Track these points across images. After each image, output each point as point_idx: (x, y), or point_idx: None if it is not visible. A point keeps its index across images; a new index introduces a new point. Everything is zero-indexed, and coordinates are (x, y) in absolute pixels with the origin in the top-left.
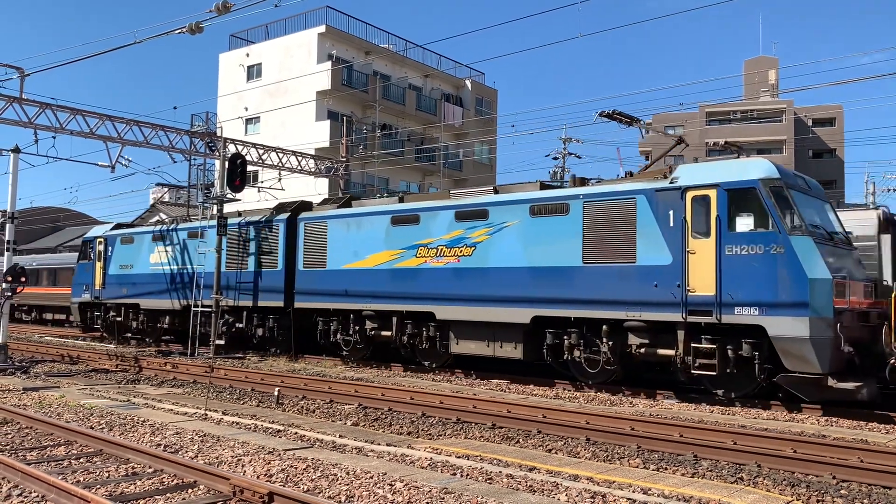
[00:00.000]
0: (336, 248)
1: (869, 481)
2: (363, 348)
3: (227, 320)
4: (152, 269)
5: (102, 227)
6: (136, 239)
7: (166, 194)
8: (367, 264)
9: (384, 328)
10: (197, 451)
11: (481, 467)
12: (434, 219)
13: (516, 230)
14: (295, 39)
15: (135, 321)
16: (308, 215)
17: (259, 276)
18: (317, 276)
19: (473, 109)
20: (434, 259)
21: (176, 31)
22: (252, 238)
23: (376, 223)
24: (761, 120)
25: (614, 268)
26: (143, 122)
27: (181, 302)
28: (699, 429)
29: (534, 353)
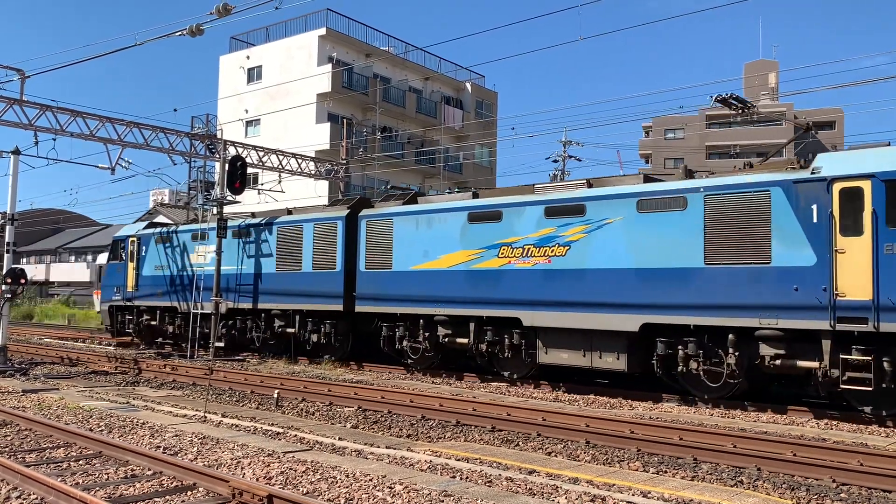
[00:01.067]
0: (403, 248)
1: (869, 485)
2: (432, 356)
3: (274, 325)
4: (192, 270)
5: (134, 225)
6: (174, 238)
7: (166, 196)
8: (439, 265)
9: (459, 335)
10: (196, 454)
11: (481, 470)
12: (519, 215)
13: (620, 227)
14: (295, 42)
15: (171, 325)
16: (370, 213)
17: (314, 279)
18: (381, 277)
19: (474, 112)
20: (520, 259)
21: (176, 34)
22: (305, 237)
23: (450, 221)
24: (761, 123)
25: (743, 269)
26: (143, 125)
27: (225, 305)
28: (699, 432)
29: (639, 365)
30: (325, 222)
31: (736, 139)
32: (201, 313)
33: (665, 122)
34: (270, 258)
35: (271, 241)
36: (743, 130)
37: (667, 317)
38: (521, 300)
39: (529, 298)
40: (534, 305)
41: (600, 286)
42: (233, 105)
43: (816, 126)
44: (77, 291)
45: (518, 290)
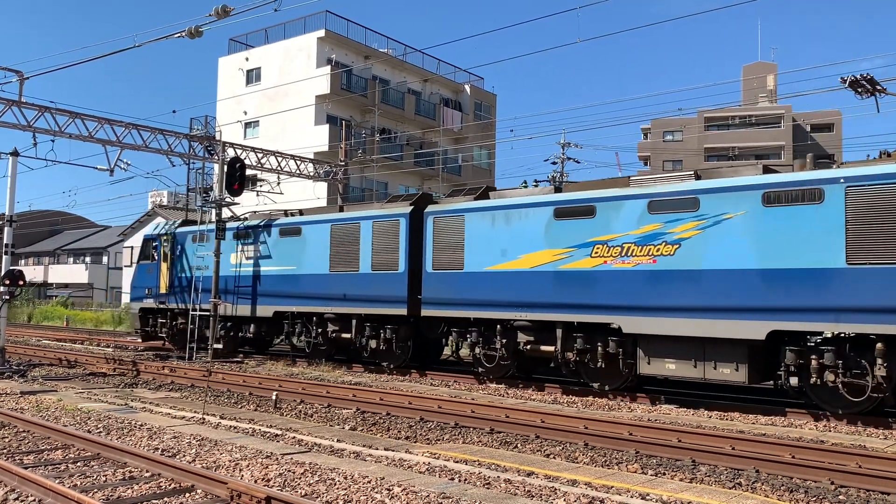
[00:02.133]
0: (477, 247)
1: (867, 487)
2: (508, 364)
3: (328, 330)
4: (234, 271)
5: (166, 222)
6: (212, 236)
7: (165, 198)
8: (520, 265)
9: (543, 342)
10: (194, 455)
11: (479, 472)
12: (616, 210)
13: (742, 223)
14: (294, 43)
15: (208, 329)
16: (438, 209)
17: (373, 281)
18: (451, 279)
19: (472, 114)
20: (617, 259)
21: (175, 35)
22: (363, 236)
23: (533, 217)
24: (760, 125)
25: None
26: (141, 126)
27: (270, 308)
28: (697, 434)
29: (761, 375)
30: (385, 220)
31: (734, 141)
32: (232, 316)
33: (663, 125)
34: (323, 259)
35: (323, 241)
36: (741, 133)
37: (801, 323)
38: (620, 304)
39: (630, 303)
40: (635, 310)
41: (718, 289)
42: (231, 107)
43: (815, 128)
44: (75, 293)
45: (616, 293)
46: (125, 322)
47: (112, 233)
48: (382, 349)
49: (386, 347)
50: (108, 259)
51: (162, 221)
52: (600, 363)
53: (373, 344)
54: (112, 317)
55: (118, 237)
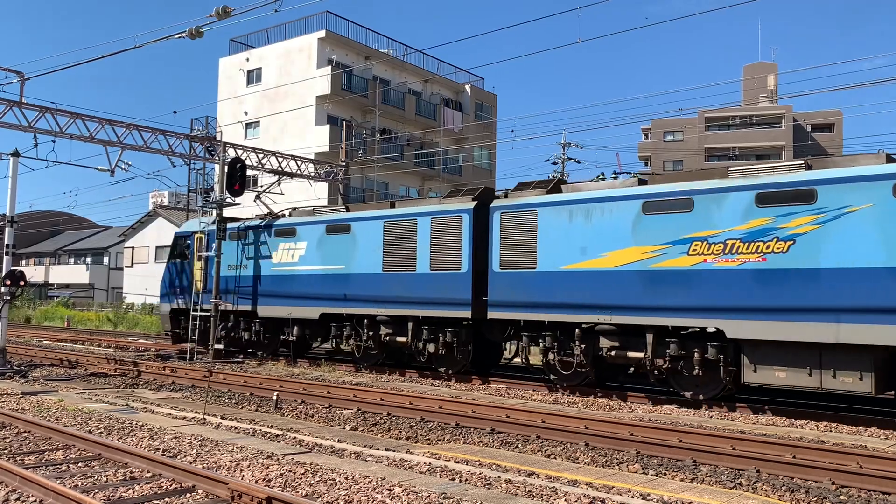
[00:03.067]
0: (552, 244)
1: (868, 487)
2: (587, 371)
3: (380, 334)
4: (275, 271)
5: (199, 220)
6: (253, 234)
7: (166, 198)
8: (602, 264)
9: (630, 347)
10: (195, 456)
11: (480, 472)
12: (718, 203)
13: (870, 216)
14: (295, 44)
15: (246, 332)
16: (506, 203)
17: (432, 281)
18: (521, 279)
19: (473, 114)
20: (719, 257)
21: (176, 36)
22: (420, 234)
23: (617, 211)
24: (760, 125)
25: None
26: (142, 127)
27: (316, 309)
28: (698, 434)
29: (887, 385)
30: (446, 216)
31: (734, 141)
32: (273, 318)
33: (664, 125)
34: (375, 258)
35: (375, 239)
36: (741, 133)
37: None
38: (723, 306)
39: (735, 304)
40: (740, 313)
41: (842, 290)
42: (232, 107)
43: (815, 128)
44: (76, 293)
45: (717, 294)
46: (124, 322)
47: (113, 233)
48: (441, 354)
49: (445, 352)
50: (108, 259)
51: (196, 219)
52: (696, 370)
53: (430, 348)
54: (115, 316)
55: (119, 238)
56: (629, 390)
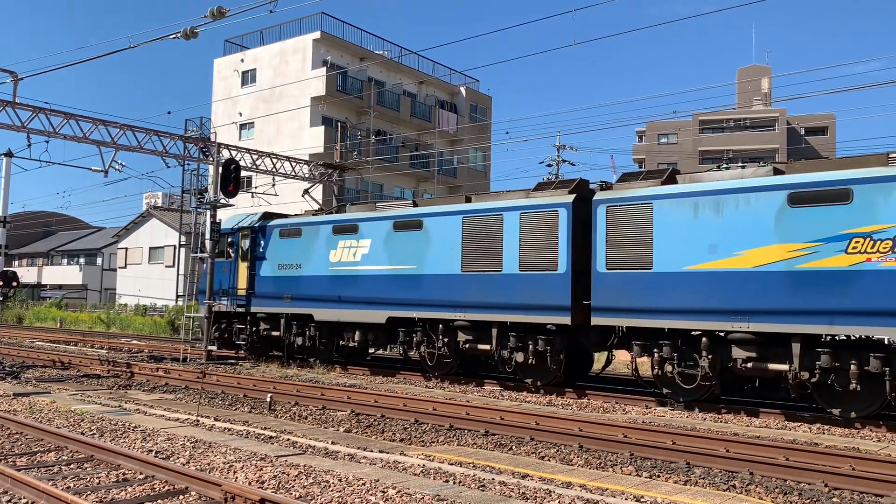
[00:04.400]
0: (671, 242)
1: (861, 489)
2: (711, 385)
3: (458, 340)
4: (334, 270)
5: (242, 215)
6: (308, 230)
7: (160, 199)
8: (736, 264)
9: (772, 358)
10: (188, 458)
11: (474, 474)
12: (885, 195)
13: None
14: (290, 45)
15: (300, 336)
16: (613, 196)
17: (522, 283)
18: (633, 281)
19: (468, 116)
20: (888, 256)
21: (170, 36)
22: (507, 230)
23: (757, 204)
24: (754, 128)
25: None
26: (136, 127)
27: (382, 313)
28: (692, 436)
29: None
30: (538, 210)
31: (729, 144)
32: (332, 322)
33: (658, 127)
34: (452, 257)
35: (452, 236)
36: (735, 135)
37: None
38: (891, 311)
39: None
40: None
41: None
42: (227, 108)
43: (809, 132)
44: (69, 294)
45: (886, 297)
46: (117, 323)
47: (106, 234)
48: (531, 363)
49: (536, 362)
50: (102, 260)
51: (238, 214)
52: (853, 384)
53: (519, 357)
54: (108, 317)
55: (112, 238)
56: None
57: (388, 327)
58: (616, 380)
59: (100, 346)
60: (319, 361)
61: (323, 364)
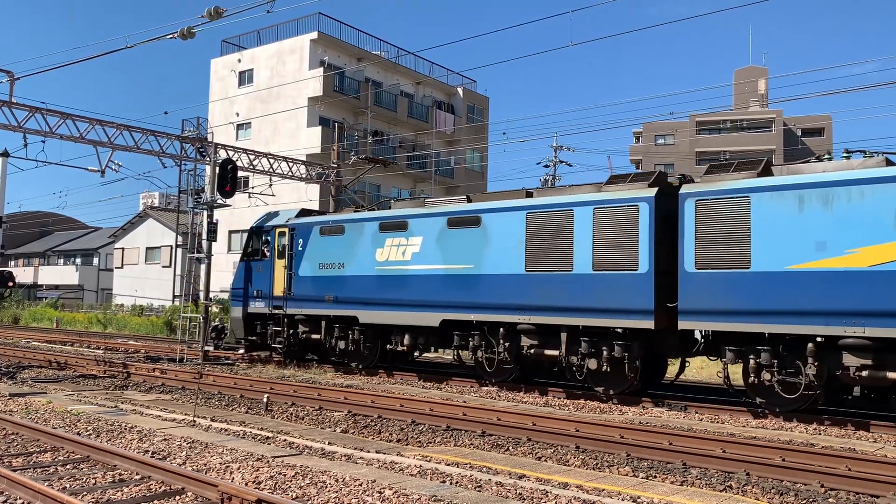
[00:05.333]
0: (772, 238)
1: (857, 490)
2: (815, 394)
3: (521, 345)
4: (381, 270)
5: (277, 212)
6: (351, 228)
7: (156, 199)
8: (850, 263)
9: (891, 366)
10: (185, 458)
11: (471, 475)
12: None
13: None
14: (287, 45)
15: (342, 340)
16: (703, 189)
17: (596, 284)
18: (728, 281)
19: (465, 117)
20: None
21: (167, 36)
22: (579, 227)
23: (872, 197)
24: (751, 129)
25: None
26: (133, 127)
27: (435, 315)
28: (688, 437)
29: None
30: (615, 205)
31: (725, 145)
32: (378, 325)
33: (655, 128)
34: (514, 255)
35: (514, 233)
36: (732, 136)
37: None
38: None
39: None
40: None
41: None
42: (224, 108)
43: (805, 133)
44: (65, 294)
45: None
46: (114, 324)
47: (103, 234)
48: (605, 371)
49: (610, 369)
50: (98, 261)
51: (273, 211)
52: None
53: (591, 364)
54: (104, 318)
55: (109, 238)
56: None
57: (441, 330)
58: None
59: (96, 346)
60: (362, 366)
61: (366, 369)
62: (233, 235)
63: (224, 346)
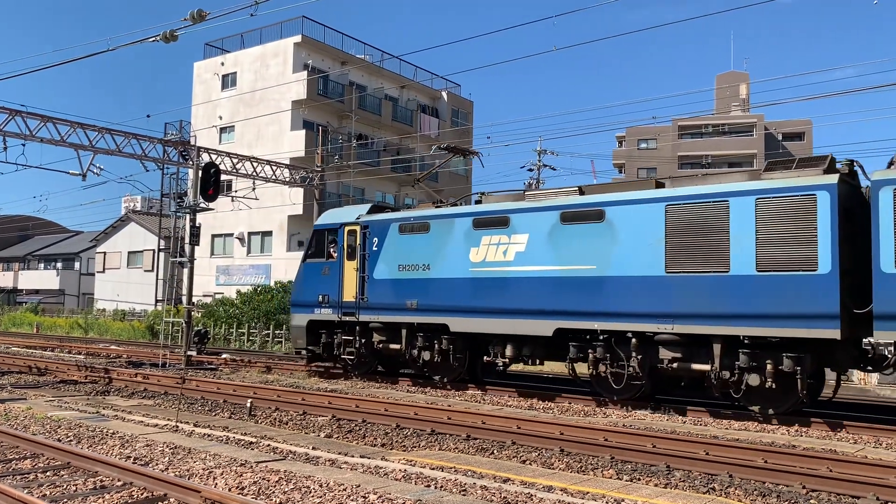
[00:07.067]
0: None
1: (838, 491)
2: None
3: (662, 358)
4: (476, 272)
5: (346, 209)
6: (438, 225)
7: (139, 203)
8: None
9: None
10: (167, 464)
11: (455, 479)
12: None
13: None
14: (270, 49)
15: (427, 351)
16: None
17: (760, 287)
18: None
19: (449, 120)
20: None
21: (150, 39)
22: (735, 221)
23: None
24: (733, 134)
25: None
26: (115, 131)
27: (548, 324)
28: (672, 439)
29: None
30: (783, 195)
31: (707, 149)
32: (472, 333)
33: (638, 133)
34: (650, 255)
35: (650, 229)
36: (714, 141)
37: None
38: None
39: None
40: None
41: None
42: (207, 112)
43: (786, 137)
44: (46, 299)
45: None
46: (95, 328)
47: (84, 238)
48: (768, 388)
49: (776, 385)
50: (79, 265)
51: (341, 208)
52: None
53: (752, 380)
54: (85, 323)
55: (90, 243)
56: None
57: (552, 340)
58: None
59: (77, 351)
60: (447, 379)
61: (452, 383)
62: (216, 239)
63: (206, 352)
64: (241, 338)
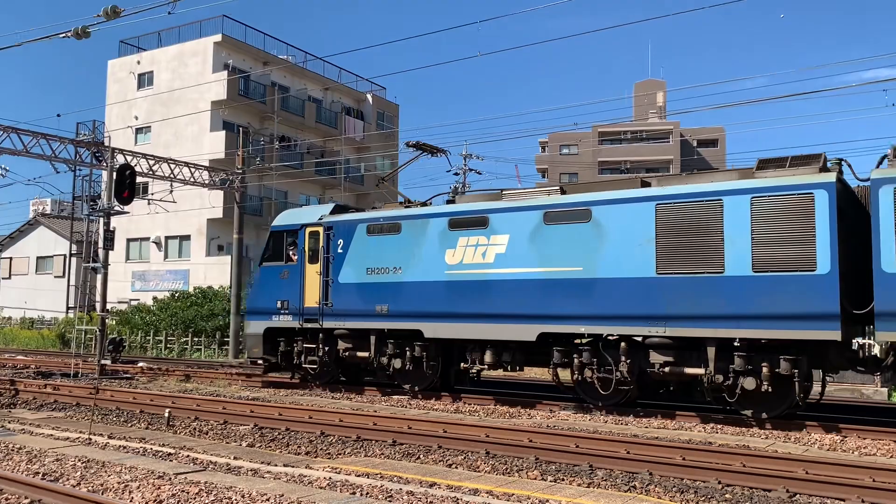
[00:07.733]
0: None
1: (751, 485)
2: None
3: (653, 362)
4: (452, 275)
5: (306, 209)
6: (410, 225)
7: (48, 206)
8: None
9: None
10: (80, 479)
11: (381, 485)
12: None
13: None
14: (189, 47)
15: (398, 358)
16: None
17: (756, 288)
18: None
19: (375, 123)
20: None
21: (61, 35)
22: (730, 220)
23: None
24: (650, 140)
25: None
26: (22, 130)
27: (531, 328)
28: (594, 439)
29: None
30: (779, 194)
31: (626, 155)
32: (451, 340)
33: (560, 138)
34: (640, 255)
35: (640, 228)
36: (633, 147)
37: None
38: None
39: None
40: None
41: None
42: (122, 111)
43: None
44: None
45: None
46: (0, 338)
47: None
48: (766, 391)
49: (772, 389)
50: None
51: (300, 209)
52: None
53: (748, 384)
54: None
55: None
56: None
57: (535, 345)
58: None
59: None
60: (419, 388)
61: (424, 392)
62: (131, 244)
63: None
64: (159, 346)
